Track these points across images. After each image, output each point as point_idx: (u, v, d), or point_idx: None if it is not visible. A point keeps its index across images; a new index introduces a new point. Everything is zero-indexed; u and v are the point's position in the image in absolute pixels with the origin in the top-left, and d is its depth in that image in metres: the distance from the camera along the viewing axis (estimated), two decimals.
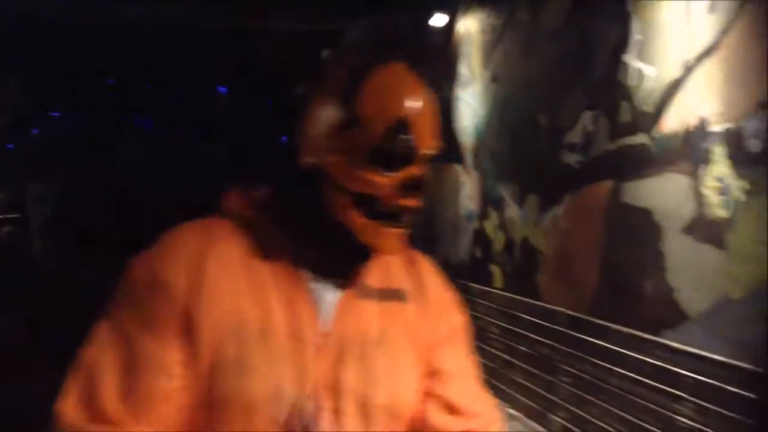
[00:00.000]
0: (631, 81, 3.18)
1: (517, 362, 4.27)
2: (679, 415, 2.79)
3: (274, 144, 1.07)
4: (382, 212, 0.93)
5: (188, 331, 0.90)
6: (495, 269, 4.68)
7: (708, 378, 2.64)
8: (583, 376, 3.53)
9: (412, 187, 0.93)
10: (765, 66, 2.39)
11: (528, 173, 4.26)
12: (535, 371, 4.04)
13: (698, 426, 2.68)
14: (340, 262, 0.98)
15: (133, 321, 0.90)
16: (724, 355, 2.56)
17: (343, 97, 0.93)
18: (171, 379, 0.89)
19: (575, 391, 3.60)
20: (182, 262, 0.92)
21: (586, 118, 3.57)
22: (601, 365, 3.37)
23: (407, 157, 0.92)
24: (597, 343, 3.41)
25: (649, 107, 3.06)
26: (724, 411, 2.54)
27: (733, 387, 2.50)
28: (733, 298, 2.54)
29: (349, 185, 0.92)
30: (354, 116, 0.92)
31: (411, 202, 0.93)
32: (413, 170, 0.93)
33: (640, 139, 3.12)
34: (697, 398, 2.69)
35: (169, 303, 0.90)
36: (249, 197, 1.01)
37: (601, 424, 3.36)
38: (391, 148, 0.91)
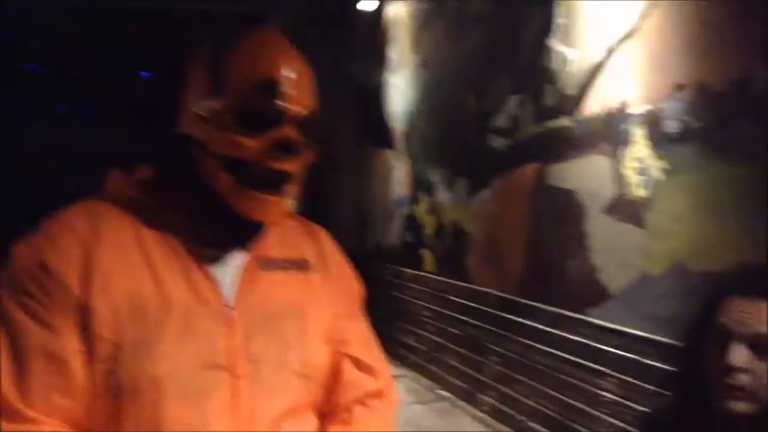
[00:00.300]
0: (555, 65, 3.23)
1: (448, 344, 4.32)
2: (602, 390, 2.88)
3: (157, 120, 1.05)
4: (253, 177, 0.91)
5: (83, 318, 0.87)
6: (426, 253, 4.71)
7: (629, 353, 2.72)
8: (512, 355, 3.59)
9: (284, 149, 0.91)
10: (682, 49, 2.46)
11: (457, 157, 4.29)
12: (466, 352, 4.09)
13: (620, 400, 2.77)
14: (231, 232, 0.97)
15: (22, 311, 0.86)
16: (643, 330, 2.65)
17: (210, 62, 0.93)
18: (66, 368, 0.86)
19: (504, 370, 3.67)
20: (71, 248, 0.89)
21: (513, 102, 3.62)
22: (529, 344, 3.44)
23: (276, 118, 0.91)
24: (525, 323, 3.47)
25: (572, 90, 3.12)
26: (643, 384, 2.64)
27: (652, 361, 2.59)
28: (651, 274, 2.63)
29: (217, 149, 0.91)
30: (220, 79, 0.91)
31: (284, 166, 0.92)
32: (284, 132, 0.91)
33: (564, 122, 3.18)
34: (619, 373, 2.78)
35: (60, 292, 0.87)
36: (131, 176, 1.00)
37: (529, 402, 3.43)
38: (257, 108, 0.90)
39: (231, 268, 0.96)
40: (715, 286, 1.34)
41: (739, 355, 1.20)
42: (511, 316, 3.61)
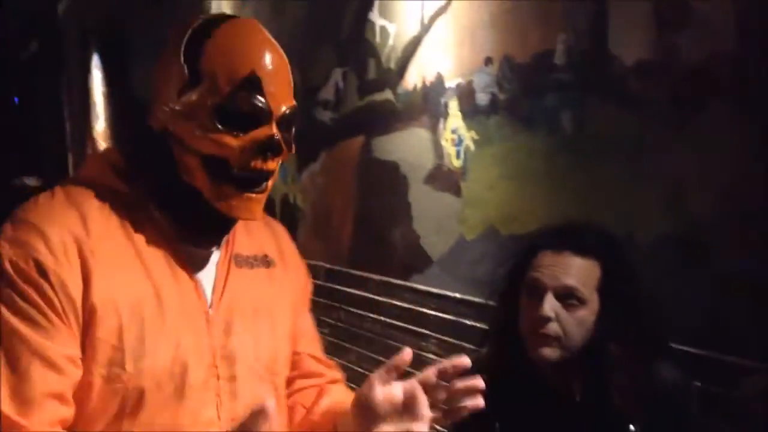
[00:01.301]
0: (376, 38, 3.29)
1: None
2: (425, 352, 3.01)
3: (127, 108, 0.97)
4: (234, 176, 0.89)
5: (85, 321, 0.81)
6: None
7: (448, 315, 2.87)
8: (342, 326, 3.65)
9: (267, 149, 0.89)
10: (490, 23, 2.60)
11: None
12: None
13: (440, 359, 2.91)
14: (208, 229, 0.95)
15: (17, 317, 0.78)
16: (460, 292, 2.80)
17: (185, 55, 0.87)
18: (64, 375, 0.80)
19: (335, 340, 3.72)
20: (67, 246, 0.81)
21: (337, 76, 3.64)
22: (359, 314, 3.51)
23: (258, 116, 0.88)
24: (355, 293, 3.54)
25: (392, 64, 3.19)
26: (461, 343, 2.79)
27: (468, 320, 2.76)
28: (467, 240, 2.78)
29: (198, 147, 0.87)
30: (197, 74, 0.86)
31: (266, 165, 0.90)
32: (266, 131, 0.88)
33: (386, 95, 3.25)
34: (440, 334, 2.92)
35: (59, 296, 0.80)
36: (110, 164, 0.92)
37: (358, 369, 3.51)
38: (238, 106, 0.86)
39: (208, 267, 0.94)
40: (527, 244, 1.43)
41: (550, 305, 1.30)
42: (341, 288, 3.66)
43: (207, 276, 0.94)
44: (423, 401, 0.85)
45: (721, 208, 1.85)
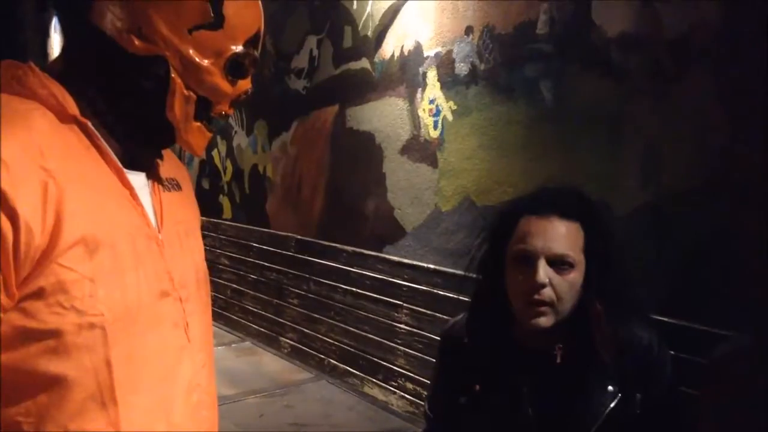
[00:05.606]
0: (353, 5, 3.23)
1: (247, 290, 4.26)
2: (397, 322, 3.01)
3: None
4: (209, 117, 0.93)
5: (47, 257, 0.75)
6: (224, 200, 4.56)
7: (421, 285, 2.87)
8: (312, 296, 3.63)
9: (242, 99, 0.95)
10: None
11: (255, 99, 4.16)
12: (266, 297, 4.07)
13: (413, 330, 2.92)
14: (146, 156, 0.96)
15: None
16: (434, 264, 2.80)
17: None
18: None
19: (304, 311, 3.70)
20: (33, 177, 0.74)
21: (312, 43, 3.58)
22: (330, 284, 3.49)
23: (248, 71, 0.94)
24: (326, 264, 3.51)
25: (370, 32, 3.15)
26: (434, 313, 2.80)
27: (441, 291, 2.76)
28: (442, 211, 2.78)
29: (197, 86, 0.89)
30: (220, 18, 0.88)
31: (231, 111, 0.96)
32: (248, 85, 0.94)
33: (363, 64, 3.21)
34: (412, 305, 2.92)
35: (18, 238, 0.72)
36: (51, 78, 0.86)
37: (327, 339, 3.50)
38: (244, 60, 0.91)
39: (144, 191, 0.93)
40: (507, 210, 1.42)
41: (544, 271, 1.29)
42: (312, 258, 3.63)
43: (146, 201, 0.94)
44: None
45: (697, 179, 1.87)
